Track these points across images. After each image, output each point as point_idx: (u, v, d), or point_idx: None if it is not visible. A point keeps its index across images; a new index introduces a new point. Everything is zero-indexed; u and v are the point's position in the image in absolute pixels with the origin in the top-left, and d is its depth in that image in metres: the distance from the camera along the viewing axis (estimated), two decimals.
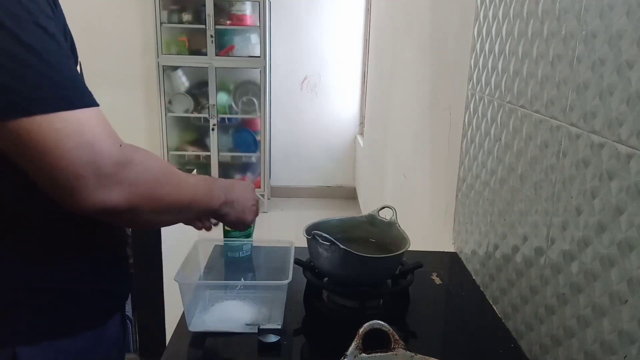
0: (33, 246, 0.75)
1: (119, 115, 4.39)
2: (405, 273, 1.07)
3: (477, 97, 1.22)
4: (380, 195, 3.05)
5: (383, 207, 1.16)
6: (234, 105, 4.23)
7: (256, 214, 1.01)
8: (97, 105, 0.68)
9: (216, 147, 4.19)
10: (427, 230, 1.73)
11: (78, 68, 0.78)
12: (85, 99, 0.66)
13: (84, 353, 0.81)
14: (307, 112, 4.51)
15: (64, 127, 0.62)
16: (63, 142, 0.62)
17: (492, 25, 1.13)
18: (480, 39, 1.21)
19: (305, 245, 1.05)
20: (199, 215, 0.91)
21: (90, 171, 0.64)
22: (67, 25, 0.72)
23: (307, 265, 1.08)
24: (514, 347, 0.95)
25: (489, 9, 1.15)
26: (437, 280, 1.19)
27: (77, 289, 0.80)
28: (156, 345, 2.02)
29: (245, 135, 4.33)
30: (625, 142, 0.65)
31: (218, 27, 3.96)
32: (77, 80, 0.66)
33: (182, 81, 4.20)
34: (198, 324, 0.97)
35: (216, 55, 3.98)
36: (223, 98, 4.15)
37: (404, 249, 1.01)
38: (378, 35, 3.64)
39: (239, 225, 0.98)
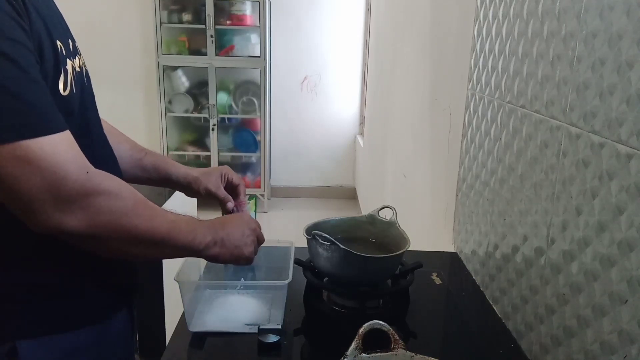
0: (31, 240, 0.74)
1: (119, 115, 4.39)
2: (405, 273, 1.07)
3: (477, 97, 1.22)
4: (380, 195, 3.05)
5: (383, 207, 1.16)
6: (234, 105, 4.23)
7: (258, 242, 0.95)
8: (64, 129, 0.67)
9: (216, 147, 4.19)
10: (427, 230, 1.74)
11: (71, 65, 0.76)
12: (49, 125, 0.65)
13: (86, 348, 0.81)
14: (307, 112, 4.51)
15: (24, 155, 0.63)
16: (23, 170, 0.63)
17: (492, 25, 1.13)
18: (480, 39, 1.21)
19: (305, 245, 1.05)
20: (182, 254, 0.85)
21: (49, 196, 0.65)
22: (50, 36, 0.70)
23: (307, 265, 1.08)
24: (514, 347, 0.95)
25: (489, 9, 1.15)
26: (437, 280, 1.19)
27: (78, 283, 0.80)
28: (156, 345, 2.02)
29: (245, 135, 4.33)
30: (625, 142, 0.65)
31: (218, 27, 3.96)
32: (41, 106, 0.65)
33: (182, 81, 4.20)
34: (198, 324, 0.97)
35: (216, 55, 3.98)
36: (223, 98, 4.16)
37: (404, 249, 1.01)
38: (378, 35, 3.64)
39: (240, 262, 0.91)
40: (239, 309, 1.01)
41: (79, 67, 0.80)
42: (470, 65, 1.27)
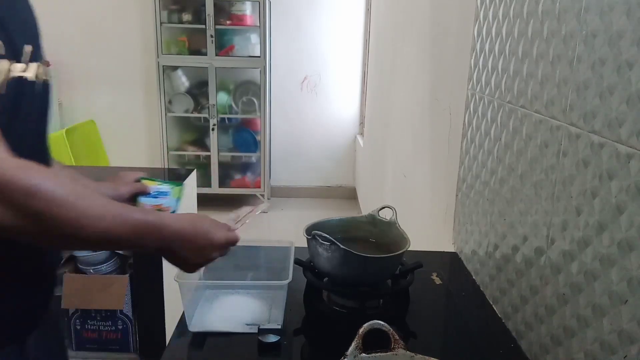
0: None
1: (119, 115, 4.41)
2: (405, 273, 1.07)
3: (477, 97, 1.22)
4: (380, 195, 3.05)
5: (383, 207, 1.16)
6: (234, 105, 4.23)
7: (232, 245, 0.90)
8: None
9: (216, 147, 4.19)
10: (427, 230, 1.73)
11: (7, 68, 0.72)
12: None
13: None
14: (307, 112, 4.51)
15: None
16: None
17: (492, 25, 1.13)
18: (480, 39, 1.21)
19: (305, 245, 1.05)
20: (136, 246, 0.80)
21: None
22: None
23: (307, 265, 1.08)
24: (514, 347, 0.95)
25: (489, 9, 1.15)
26: (437, 280, 1.19)
27: None
28: (156, 345, 2.02)
29: (245, 135, 4.33)
30: (625, 142, 0.65)
31: (218, 27, 3.96)
32: None
33: (182, 81, 4.19)
34: (198, 324, 0.97)
35: (216, 55, 3.98)
36: (223, 98, 4.15)
37: (404, 249, 1.01)
38: (378, 35, 3.64)
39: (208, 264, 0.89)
40: (239, 309, 1.01)
41: (34, 75, 0.76)
42: (470, 65, 1.27)
